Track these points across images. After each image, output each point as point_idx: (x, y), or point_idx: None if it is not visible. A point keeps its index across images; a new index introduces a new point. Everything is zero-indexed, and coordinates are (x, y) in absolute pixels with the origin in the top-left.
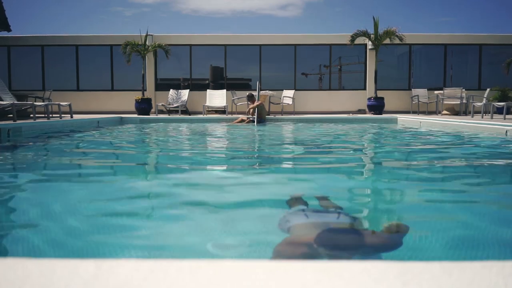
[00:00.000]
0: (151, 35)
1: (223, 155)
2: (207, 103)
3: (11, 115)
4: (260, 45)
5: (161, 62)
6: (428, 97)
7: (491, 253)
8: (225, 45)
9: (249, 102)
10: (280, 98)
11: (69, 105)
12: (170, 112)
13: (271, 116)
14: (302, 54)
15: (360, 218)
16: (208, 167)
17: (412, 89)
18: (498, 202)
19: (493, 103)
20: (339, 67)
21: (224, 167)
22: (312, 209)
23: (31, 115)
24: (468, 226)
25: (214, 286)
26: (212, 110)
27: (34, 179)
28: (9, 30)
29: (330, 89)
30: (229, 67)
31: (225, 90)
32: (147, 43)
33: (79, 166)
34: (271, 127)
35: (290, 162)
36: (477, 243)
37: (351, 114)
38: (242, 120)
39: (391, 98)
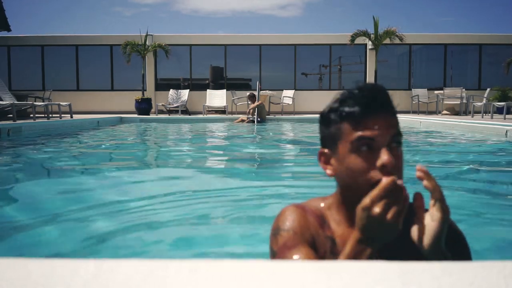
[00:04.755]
0: (151, 35)
1: (222, 156)
2: (207, 103)
3: (11, 115)
4: (260, 45)
5: (161, 62)
6: (428, 97)
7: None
8: (225, 45)
9: (249, 102)
10: (280, 98)
11: (69, 105)
12: (170, 112)
13: (271, 116)
14: (302, 54)
15: None
16: (207, 167)
17: (412, 89)
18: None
19: (493, 103)
20: (339, 67)
21: (223, 168)
22: None
23: (31, 115)
24: (469, 226)
25: (213, 286)
26: (212, 110)
27: (34, 179)
28: (9, 30)
29: (330, 89)
30: (229, 67)
31: (225, 90)
32: (147, 43)
33: (78, 166)
34: (271, 127)
35: (290, 163)
36: (477, 243)
37: None
38: (242, 120)
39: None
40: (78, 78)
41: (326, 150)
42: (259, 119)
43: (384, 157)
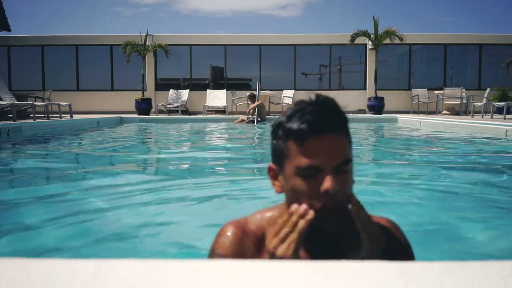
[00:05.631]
0: (151, 35)
1: (222, 156)
2: (207, 103)
3: (11, 115)
4: (260, 45)
5: (161, 62)
6: (428, 97)
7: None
8: (225, 45)
9: (249, 102)
10: (280, 98)
11: (69, 105)
12: (170, 112)
13: (271, 116)
14: (302, 54)
15: None
16: (206, 167)
17: (412, 89)
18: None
19: (493, 103)
20: (339, 67)
21: (222, 168)
22: None
23: (31, 115)
24: (467, 227)
25: (213, 285)
26: (212, 110)
27: (33, 179)
28: (9, 30)
29: (330, 89)
30: (229, 67)
31: (225, 90)
32: (147, 43)
33: (79, 166)
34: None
35: None
36: (476, 244)
37: (351, 114)
38: (242, 120)
39: (391, 98)
40: (78, 78)
41: (274, 166)
42: (259, 119)
43: (327, 183)
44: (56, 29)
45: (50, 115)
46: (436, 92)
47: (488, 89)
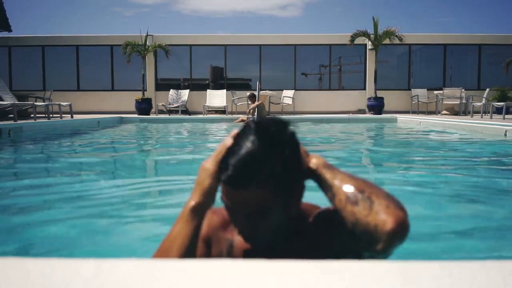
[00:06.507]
0: (151, 35)
1: None
2: (207, 103)
3: (12, 115)
4: (260, 45)
5: (161, 62)
6: (428, 97)
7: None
8: (225, 45)
9: (249, 102)
10: (280, 98)
11: (70, 105)
12: (170, 112)
13: (271, 116)
14: (302, 54)
15: None
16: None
17: (412, 89)
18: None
19: (493, 103)
20: (339, 67)
21: None
22: None
23: (32, 115)
24: (465, 227)
25: (213, 285)
26: (212, 110)
27: (34, 179)
28: (10, 30)
29: (330, 89)
30: (229, 67)
31: (225, 90)
32: (147, 43)
33: (79, 166)
34: None
35: None
36: (474, 244)
37: (350, 114)
38: (242, 120)
39: (391, 98)
40: (79, 78)
41: None
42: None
43: (238, 226)
44: (56, 29)
45: (51, 115)
46: (435, 92)
47: (488, 89)
